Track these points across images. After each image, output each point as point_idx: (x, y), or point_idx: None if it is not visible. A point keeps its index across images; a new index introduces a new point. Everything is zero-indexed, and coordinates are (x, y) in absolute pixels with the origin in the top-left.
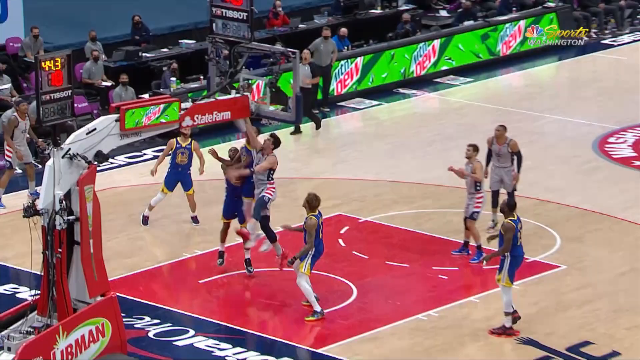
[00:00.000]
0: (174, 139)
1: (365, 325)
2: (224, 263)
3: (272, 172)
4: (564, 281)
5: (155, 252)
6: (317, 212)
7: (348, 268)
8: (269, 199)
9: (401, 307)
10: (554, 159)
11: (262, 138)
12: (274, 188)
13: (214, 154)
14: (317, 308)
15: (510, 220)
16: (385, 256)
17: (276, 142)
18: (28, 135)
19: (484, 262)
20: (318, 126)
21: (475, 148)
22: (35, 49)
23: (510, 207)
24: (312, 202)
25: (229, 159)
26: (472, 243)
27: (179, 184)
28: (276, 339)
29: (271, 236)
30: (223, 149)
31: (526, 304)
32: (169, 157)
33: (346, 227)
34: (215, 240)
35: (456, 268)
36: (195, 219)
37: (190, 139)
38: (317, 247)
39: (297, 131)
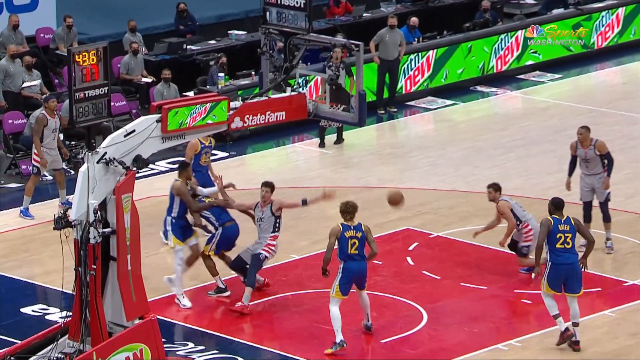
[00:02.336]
0: (196, 140)
1: (436, 356)
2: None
3: (279, 220)
4: None
5: (201, 269)
6: (351, 221)
7: (417, 290)
8: (265, 257)
9: (478, 335)
10: None
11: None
12: (274, 245)
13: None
14: (338, 339)
15: (551, 217)
16: (460, 277)
17: (272, 187)
18: (61, 136)
19: (532, 274)
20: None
21: (496, 188)
22: (69, 41)
23: (555, 205)
24: (341, 208)
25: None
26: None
27: None
28: None
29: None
30: (275, 154)
31: (624, 334)
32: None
33: (415, 243)
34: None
35: (541, 291)
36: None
37: (211, 138)
38: (344, 265)
39: (339, 140)
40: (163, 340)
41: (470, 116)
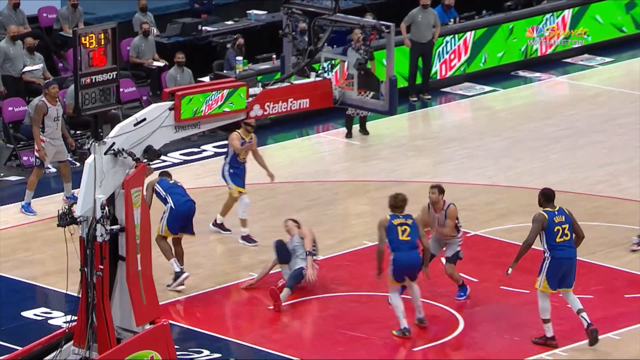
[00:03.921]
0: (236, 133)
1: None
2: None
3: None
4: None
5: (216, 270)
6: (398, 212)
7: (453, 294)
8: (303, 276)
9: (519, 343)
10: None
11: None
12: (313, 272)
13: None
14: (402, 325)
15: (544, 211)
16: (499, 280)
17: (295, 221)
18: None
19: (509, 269)
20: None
21: (440, 190)
22: (74, 22)
23: (546, 196)
24: (390, 202)
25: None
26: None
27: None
28: None
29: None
30: (298, 145)
31: None
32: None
33: None
34: None
35: (591, 296)
36: (222, 226)
37: (252, 134)
38: (395, 255)
39: (364, 131)
40: (176, 347)
41: (511, 104)
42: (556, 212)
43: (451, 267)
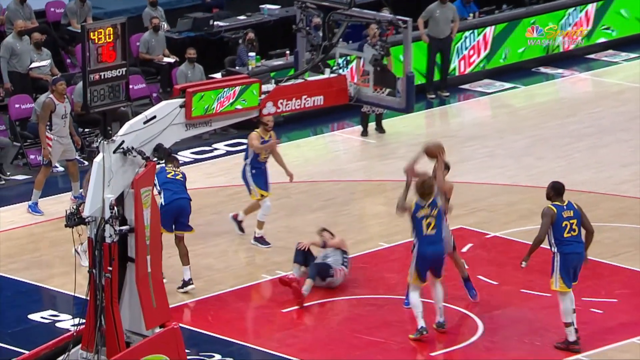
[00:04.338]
0: (255, 132)
1: None
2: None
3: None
4: None
5: (228, 272)
6: (426, 200)
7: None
8: (332, 274)
9: (541, 348)
10: None
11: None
12: (344, 271)
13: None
14: (419, 325)
15: (552, 205)
16: (520, 282)
17: (329, 232)
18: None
19: (523, 262)
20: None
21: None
22: (82, 16)
23: (556, 190)
24: (416, 188)
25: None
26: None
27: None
28: None
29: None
30: (313, 143)
31: None
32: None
33: (470, 245)
34: None
35: (615, 300)
36: (240, 224)
37: (272, 132)
38: (418, 247)
39: (380, 129)
40: (187, 351)
41: (533, 101)
42: (565, 207)
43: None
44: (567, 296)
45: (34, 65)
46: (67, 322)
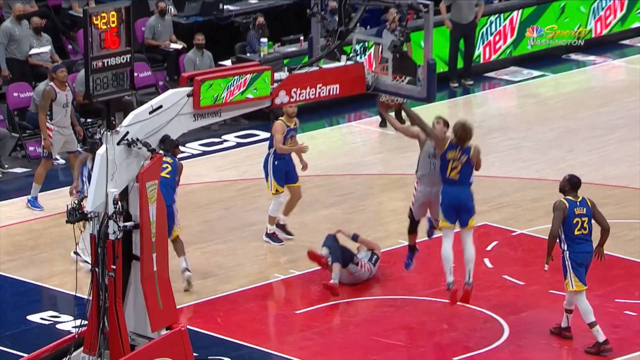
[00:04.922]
0: (281, 122)
1: None
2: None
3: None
4: None
5: (238, 271)
6: (461, 145)
7: (497, 298)
8: (357, 263)
9: (570, 353)
10: None
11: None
12: (370, 267)
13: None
14: (449, 279)
15: (565, 199)
16: (548, 283)
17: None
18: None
19: (545, 265)
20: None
21: (445, 122)
22: (84, 0)
23: (572, 184)
24: (456, 133)
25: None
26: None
27: None
28: None
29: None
30: (328, 134)
31: None
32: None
33: (494, 242)
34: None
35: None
36: (284, 227)
37: (296, 119)
38: (443, 189)
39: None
40: (194, 354)
41: (562, 90)
42: (578, 203)
43: None
44: (583, 295)
45: (33, 51)
46: (68, 323)
